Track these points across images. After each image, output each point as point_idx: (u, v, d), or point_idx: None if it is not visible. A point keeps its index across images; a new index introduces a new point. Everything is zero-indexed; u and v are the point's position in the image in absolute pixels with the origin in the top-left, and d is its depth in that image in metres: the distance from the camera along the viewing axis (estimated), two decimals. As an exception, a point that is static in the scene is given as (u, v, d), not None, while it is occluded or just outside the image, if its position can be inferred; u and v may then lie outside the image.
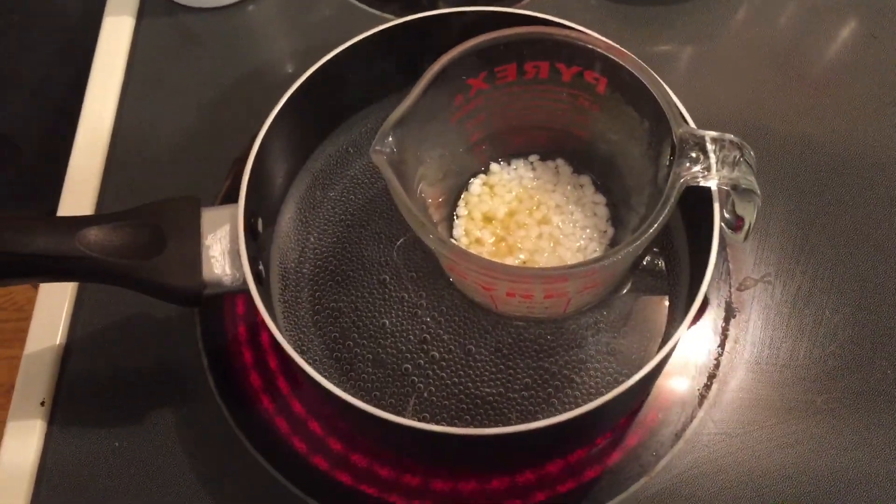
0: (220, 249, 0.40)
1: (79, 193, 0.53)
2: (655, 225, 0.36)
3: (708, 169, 0.37)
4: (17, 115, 0.88)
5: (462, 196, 0.47)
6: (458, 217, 0.46)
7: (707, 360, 0.46)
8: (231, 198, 0.51)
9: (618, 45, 0.40)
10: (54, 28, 0.84)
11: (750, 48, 0.57)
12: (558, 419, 0.36)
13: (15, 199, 0.95)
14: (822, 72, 0.56)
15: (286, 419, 0.45)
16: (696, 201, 0.41)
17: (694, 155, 0.37)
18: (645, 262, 0.45)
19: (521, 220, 0.45)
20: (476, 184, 0.47)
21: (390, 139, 0.38)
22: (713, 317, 0.47)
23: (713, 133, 0.38)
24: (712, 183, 0.38)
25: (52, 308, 0.48)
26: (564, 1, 0.60)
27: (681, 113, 0.40)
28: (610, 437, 0.44)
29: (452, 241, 0.45)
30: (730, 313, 0.47)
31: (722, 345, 0.46)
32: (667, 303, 0.45)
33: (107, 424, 0.46)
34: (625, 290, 0.45)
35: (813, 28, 0.58)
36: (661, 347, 0.43)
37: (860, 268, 0.48)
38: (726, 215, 0.41)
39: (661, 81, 0.39)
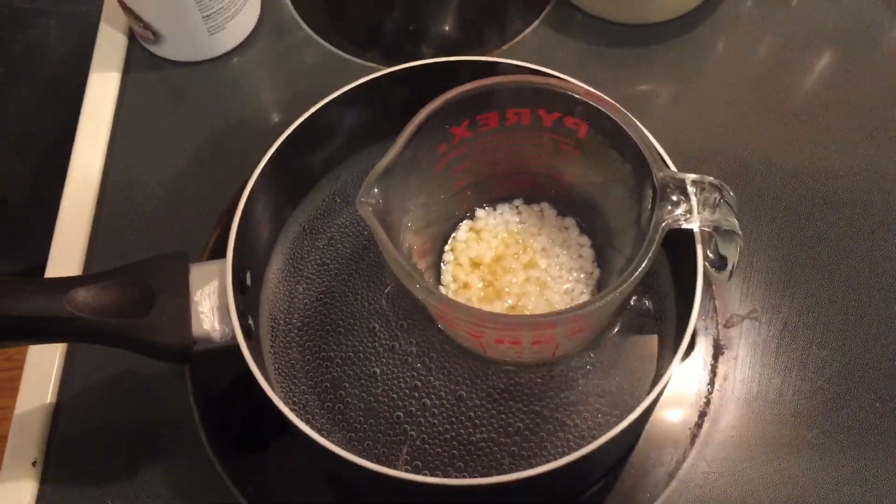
0: (209, 305, 0.40)
1: (67, 248, 0.53)
2: (640, 269, 0.36)
3: (689, 212, 0.38)
4: (3, 166, 0.88)
5: (449, 242, 0.47)
6: (445, 263, 0.46)
7: (697, 399, 0.46)
8: (219, 249, 0.51)
9: (597, 91, 0.41)
10: (40, 80, 0.85)
11: (728, 87, 0.58)
12: (550, 466, 0.36)
13: (0, 250, 0.95)
14: (798, 107, 0.57)
15: (280, 472, 0.45)
16: (680, 242, 0.41)
17: (675, 198, 0.38)
18: (632, 303, 0.46)
19: (507, 265, 0.46)
20: (462, 229, 0.47)
21: (376, 190, 0.38)
22: (702, 354, 0.47)
23: (693, 175, 0.38)
24: (694, 226, 0.38)
25: (43, 367, 0.48)
26: (544, 45, 0.61)
27: (661, 156, 0.41)
28: (605, 479, 0.44)
29: (441, 287, 0.46)
30: (718, 350, 0.47)
31: (711, 382, 0.47)
32: (655, 342, 0.45)
33: (99, 483, 0.46)
34: (613, 332, 0.45)
35: (789, 64, 0.59)
36: (651, 388, 0.44)
37: (845, 301, 0.49)
38: (710, 255, 0.42)
39: (641, 126, 0.40)
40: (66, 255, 0.53)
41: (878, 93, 0.57)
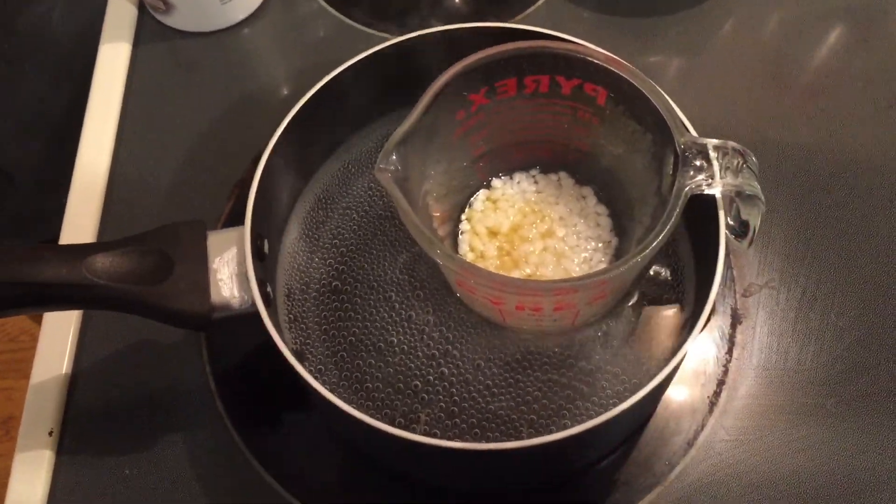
0: (228, 272, 0.40)
1: (80, 222, 0.53)
2: (663, 234, 0.36)
3: (712, 177, 0.38)
4: (11, 145, 0.88)
5: (466, 211, 0.47)
6: (462, 232, 0.46)
7: (715, 367, 0.46)
8: (233, 221, 0.51)
9: (616, 57, 0.41)
10: (47, 58, 0.84)
11: (743, 57, 0.58)
12: (570, 432, 0.36)
13: (9, 229, 0.95)
14: (815, 77, 0.57)
15: (296, 441, 0.45)
16: (700, 211, 0.41)
17: (697, 163, 0.38)
18: (651, 272, 0.45)
19: (525, 234, 0.45)
20: (479, 199, 0.47)
21: (394, 157, 0.38)
22: (720, 324, 0.47)
23: (715, 141, 0.38)
24: (716, 190, 0.38)
25: (58, 337, 0.48)
26: (557, 15, 0.60)
27: (682, 122, 0.41)
28: (622, 448, 0.44)
29: (459, 256, 0.45)
30: (736, 320, 0.47)
31: (730, 351, 0.46)
32: (674, 312, 0.45)
33: (116, 452, 0.46)
34: (632, 301, 0.45)
35: (804, 35, 0.59)
36: (669, 357, 0.43)
37: (863, 270, 0.49)
38: (730, 222, 0.41)
39: (661, 91, 0.40)
40: (78, 229, 0.53)
41: (893, 63, 0.57)
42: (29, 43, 0.83)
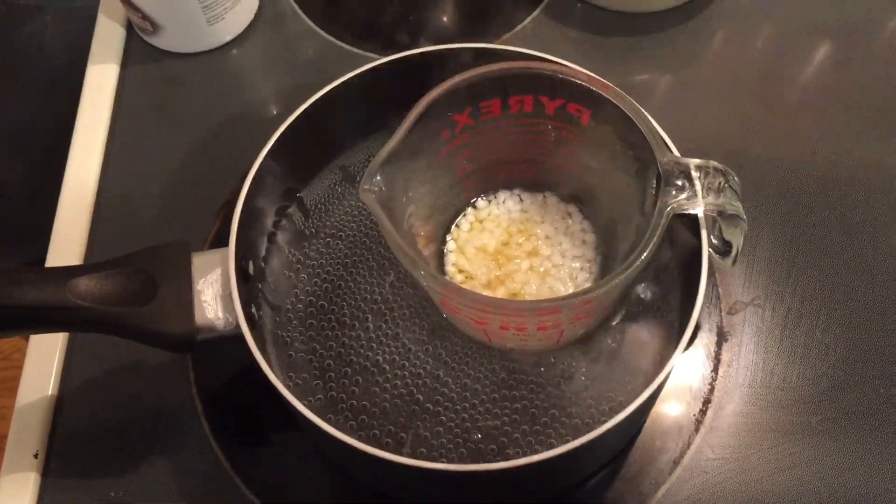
0: (212, 294, 0.40)
1: (67, 241, 0.53)
2: (645, 254, 0.36)
3: (694, 196, 0.38)
4: (0, 160, 0.88)
5: (451, 231, 0.47)
6: (447, 252, 0.46)
7: (701, 386, 0.46)
8: (220, 240, 0.51)
9: (599, 77, 0.41)
10: (38, 75, 0.84)
11: (728, 75, 0.58)
12: (556, 452, 0.36)
13: (-2, 244, 0.94)
14: (800, 95, 0.57)
15: (283, 462, 0.45)
16: (684, 229, 0.41)
17: (679, 183, 0.38)
18: (636, 291, 0.45)
19: (510, 253, 0.46)
20: (466, 219, 0.47)
21: (378, 178, 0.38)
22: (705, 342, 0.47)
23: (697, 160, 0.38)
24: (698, 210, 0.38)
25: (44, 359, 0.48)
26: (544, 35, 0.61)
27: (664, 141, 0.41)
28: (610, 467, 0.44)
29: (442, 276, 0.45)
30: (721, 338, 0.47)
31: (715, 369, 0.47)
32: (659, 330, 0.45)
33: (102, 475, 0.45)
34: (617, 320, 0.45)
35: (789, 52, 0.59)
36: (654, 376, 0.43)
37: (848, 287, 0.49)
38: (714, 241, 0.42)
39: (644, 111, 0.40)
40: (65, 249, 0.53)
41: (878, 81, 0.57)
42: (21, 59, 0.83)
